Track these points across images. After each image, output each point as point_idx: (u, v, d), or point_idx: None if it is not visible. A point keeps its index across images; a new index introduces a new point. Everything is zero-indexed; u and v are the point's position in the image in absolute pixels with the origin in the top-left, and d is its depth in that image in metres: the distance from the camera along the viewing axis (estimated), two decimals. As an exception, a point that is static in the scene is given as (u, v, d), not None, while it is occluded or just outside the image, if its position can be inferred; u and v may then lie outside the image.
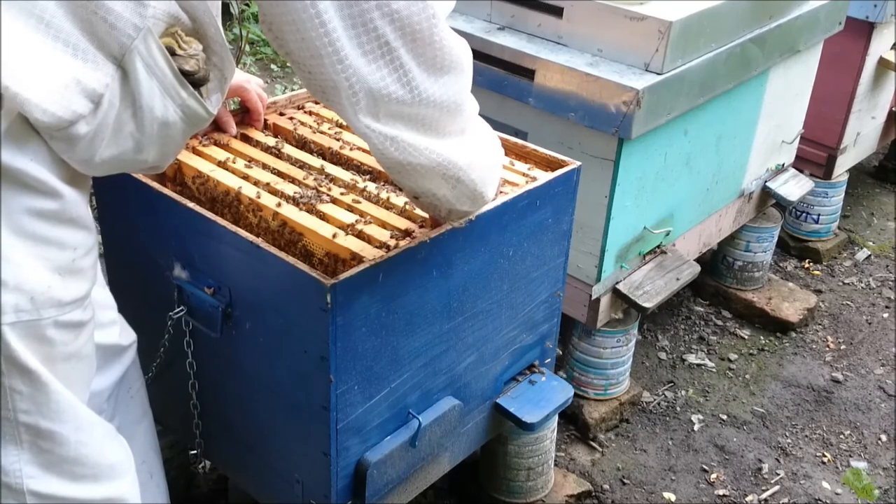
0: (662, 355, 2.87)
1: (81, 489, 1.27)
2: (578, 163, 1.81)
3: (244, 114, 1.89)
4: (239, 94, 1.85)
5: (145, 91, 1.13)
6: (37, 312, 1.14)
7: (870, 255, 3.47)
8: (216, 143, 1.81)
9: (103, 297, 1.58)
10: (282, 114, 1.98)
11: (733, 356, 2.89)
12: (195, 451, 1.82)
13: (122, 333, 1.62)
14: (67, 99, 1.06)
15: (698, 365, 2.84)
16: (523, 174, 1.78)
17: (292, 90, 3.17)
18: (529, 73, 2.18)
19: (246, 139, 1.86)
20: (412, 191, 1.40)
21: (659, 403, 2.68)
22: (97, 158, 1.14)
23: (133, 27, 1.09)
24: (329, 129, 1.91)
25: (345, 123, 1.94)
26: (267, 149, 1.82)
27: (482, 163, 1.41)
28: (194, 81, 1.18)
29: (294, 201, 1.62)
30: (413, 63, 1.19)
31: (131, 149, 1.16)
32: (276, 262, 1.43)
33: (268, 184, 1.67)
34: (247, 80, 1.84)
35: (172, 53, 1.14)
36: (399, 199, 1.66)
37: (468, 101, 1.32)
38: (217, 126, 1.85)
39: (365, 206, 1.63)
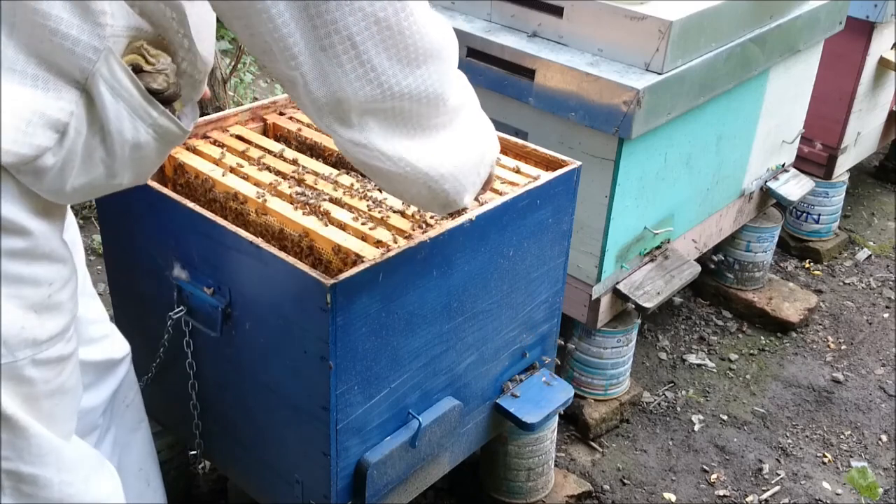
0: (663, 355, 2.87)
1: None
2: (578, 163, 1.81)
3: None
4: None
5: (112, 115, 1.07)
6: (11, 355, 1.10)
7: (870, 255, 3.47)
8: (216, 143, 1.81)
9: (94, 311, 1.55)
10: (282, 113, 1.98)
11: (734, 356, 2.88)
12: (195, 452, 1.82)
13: (114, 346, 1.60)
14: (29, 135, 1.02)
15: (699, 365, 2.84)
16: (523, 173, 1.78)
17: (292, 90, 3.16)
18: (530, 73, 2.18)
19: (245, 140, 1.86)
20: (381, 187, 1.35)
21: (659, 404, 2.68)
22: (68, 187, 1.10)
23: (92, 50, 1.03)
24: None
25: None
26: (267, 149, 1.82)
27: (460, 167, 1.28)
28: (164, 99, 1.12)
29: (295, 201, 1.62)
30: (383, 56, 1.08)
31: (103, 174, 1.12)
32: (276, 262, 1.43)
33: (269, 184, 1.67)
34: None
35: (139, 70, 1.09)
36: (399, 201, 1.65)
37: (451, 91, 1.20)
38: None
39: (365, 206, 1.63)
